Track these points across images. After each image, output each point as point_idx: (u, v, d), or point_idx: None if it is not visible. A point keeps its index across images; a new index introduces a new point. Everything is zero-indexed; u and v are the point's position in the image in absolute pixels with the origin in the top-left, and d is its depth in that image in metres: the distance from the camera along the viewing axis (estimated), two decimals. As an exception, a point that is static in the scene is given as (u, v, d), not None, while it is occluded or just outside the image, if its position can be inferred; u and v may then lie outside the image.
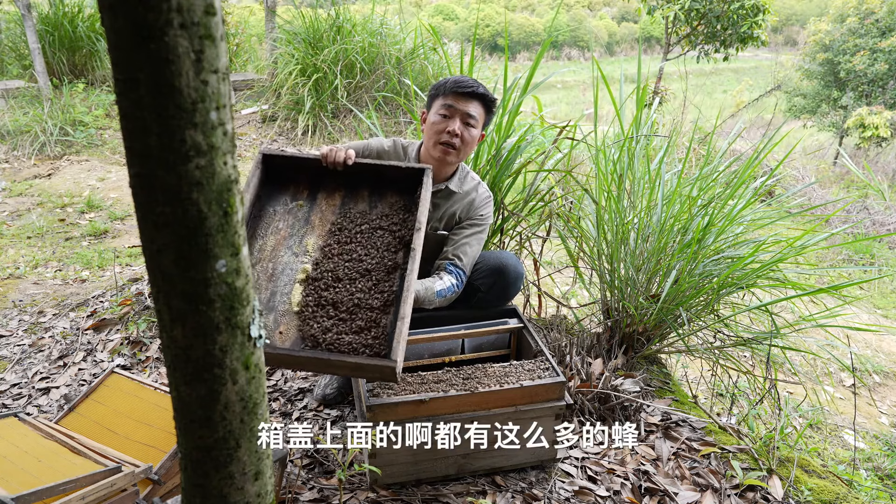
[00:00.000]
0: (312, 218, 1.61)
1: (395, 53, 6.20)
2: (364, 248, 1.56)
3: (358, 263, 1.52)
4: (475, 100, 1.78)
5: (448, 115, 1.78)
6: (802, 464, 1.81)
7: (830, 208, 5.86)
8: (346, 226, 1.61)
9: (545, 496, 1.61)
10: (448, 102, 1.77)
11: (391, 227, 1.62)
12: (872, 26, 10.79)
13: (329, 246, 1.56)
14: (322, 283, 1.48)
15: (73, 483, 1.26)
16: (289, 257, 1.52)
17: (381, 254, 1.55)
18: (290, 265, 1.51)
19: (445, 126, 1.77)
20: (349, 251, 1.55)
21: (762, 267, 2.05)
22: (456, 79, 1.79)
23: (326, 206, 1.65)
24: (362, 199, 1.69)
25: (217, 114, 0.65)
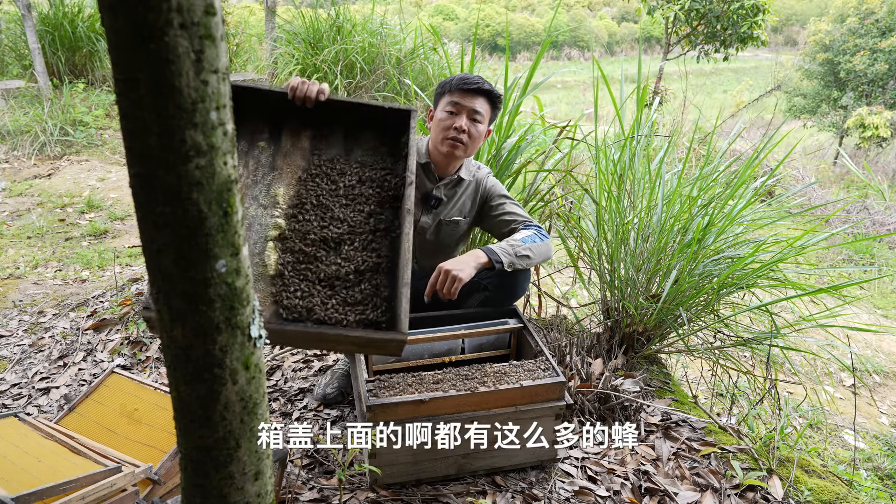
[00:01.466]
0: (278, 162, 1.37)
1: (395, 53, 6.20)
2: (345, 201, 1.36)
3: (340, 223, 1.33)
4: (481, 96, 1.80)
5: (454, 111, 1.80)
6: (802, 464, 1.81)
7: (830, 208, 5.86)
8: (319, 174, 1.39)
9: (545, 496, 1.61)
10: (454, 99, 1.80)
11: (373, 178, 1.41)
12: (872, 26, 10.79)
13: (301, 197, 1.33)
14: (300, 243, 1.28)
15: (73, 483, 1.26)
16: (255, 209, 1.29)
17: (365, 210, 1.35)
18: (258, 219, 1.28)
19: (452, 122, 1.79)
20: (327, 205, 1.34)
21: (762, 267, 2.05)
22: (461, 76, 1.81)
23: (292, 149, 1.40)
24: (336, 142, 1.45)
25: (217, 114, 0.65)
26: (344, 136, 1.47)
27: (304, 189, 1.36)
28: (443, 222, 1.96)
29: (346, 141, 1.47)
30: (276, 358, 2.31)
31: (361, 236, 1.33)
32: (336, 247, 1.30)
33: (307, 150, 1.42)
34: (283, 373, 2.22)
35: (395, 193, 1.40)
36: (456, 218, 1.97)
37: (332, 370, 2.08)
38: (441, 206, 1.94)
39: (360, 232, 1.33)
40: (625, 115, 2.41)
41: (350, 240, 1.32)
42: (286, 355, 2.33)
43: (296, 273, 1.25)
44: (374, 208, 1.38)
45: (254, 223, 1.27)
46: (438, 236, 1.97)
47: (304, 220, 1.31)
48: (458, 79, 1.81)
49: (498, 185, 2.02)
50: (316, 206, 1.34)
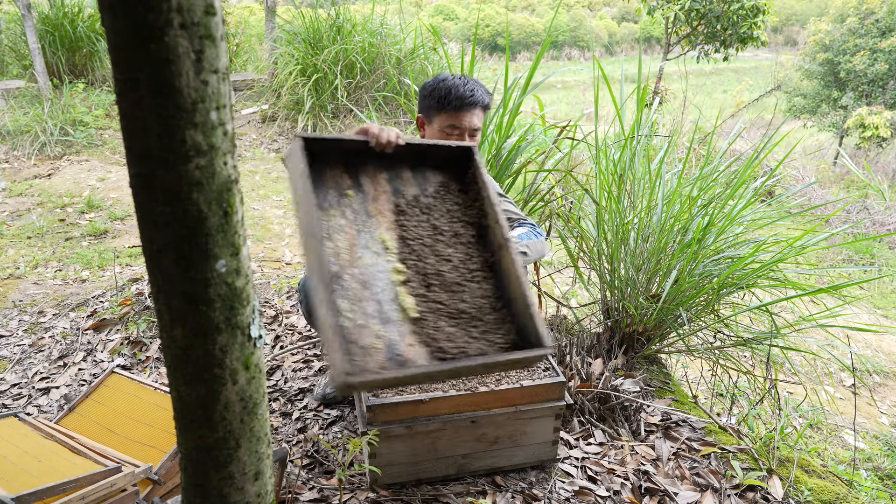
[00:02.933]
0: (370, 209, 1.40)
1: (395, 53, 6.21)
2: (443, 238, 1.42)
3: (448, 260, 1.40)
4: (477, 108, 1.78)
5: (455, 133, 1.77)
6: (802, 464, 1.81)
7: (830, 208, 5.86)
8: (411, 214, 1.44)
9: (545, 496, 1.61)
10: (452, 122, 1.75)
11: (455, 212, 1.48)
12: (872, 26, 10.79)
13: (406, 240, 1.39)
14: (423, 283, 1.34)
15: (73, 483, 1.26)
16: (371, 257, 1.33)
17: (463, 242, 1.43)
18: (377, 266, 1.32)
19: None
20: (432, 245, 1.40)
21: (762, 267, 2.05)
22: (458, 93, 1.74)
23: (377, 194, 1.43)
24: (410, 181, 1.50)
25: (217, 114, 0.65)
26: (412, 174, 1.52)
27: (405, 232, 1.40)
28: None
29: (415, 179, 1.51)
30: (276, 358, 2.31)
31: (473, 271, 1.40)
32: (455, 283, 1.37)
33: (390, 193, 1.45)
34: (283, 373, 2.22)
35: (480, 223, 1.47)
36: None
37: (332, 370, 2.08)
38: None
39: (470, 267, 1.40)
40: (625, 115, 2.41)
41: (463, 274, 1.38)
42: (286, 355, 2.33)
43: (433, 313, 1.30)
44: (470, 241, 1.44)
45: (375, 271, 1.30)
46: None
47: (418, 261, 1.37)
48: (455, 97, 1.74)
49: (493, 182, 2.02)
50: (424, 246, 1.40)
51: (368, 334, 1.16)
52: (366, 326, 1.17)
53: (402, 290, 1.28)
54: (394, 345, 1.18)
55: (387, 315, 1.24)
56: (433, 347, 1.23)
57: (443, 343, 1.25)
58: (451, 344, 1.25)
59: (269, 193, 4.84)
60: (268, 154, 5.87)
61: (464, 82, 1.76)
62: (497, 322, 1.34)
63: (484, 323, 1.33)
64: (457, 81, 1.75)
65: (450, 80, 1.76)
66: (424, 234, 1.41)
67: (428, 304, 1.29)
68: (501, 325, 1.33)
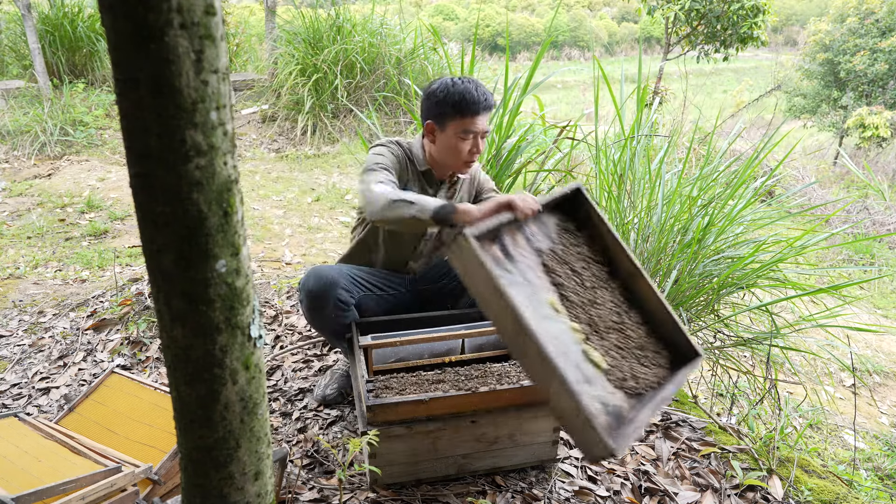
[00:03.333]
0: (529, 276, 1.45)
1: (395, 53, 6.21)
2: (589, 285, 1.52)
3: (602, 305, 1.49)
4: (489, 111, 1.78)
5: (467, 138, 1.77)
6: (802, 464, 1.81)
7: (830, 208, 5.86)
8: (555, 270, 1.51)
9: (545, 496, 1.61)
10: (467, 127, 1.74)
11: (585, 255, 1.58)
12: (872, 26, 10.79)
13: (565, 297, 1.47)
14: (597, 334, 1.43)
15: (73, 483, 1.26)
16: (552, 325, 1.39)
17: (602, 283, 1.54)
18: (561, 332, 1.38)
19: (467, 147, 1.77)
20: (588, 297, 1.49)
21: (762, 267, 2.05)
22: (471, 98, 1.72)
23: (522, 257, 1.49)
24: (537, 234, 1.57)
25: (217, 114, 0.65)
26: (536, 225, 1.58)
27: (561, 290, 1.48)
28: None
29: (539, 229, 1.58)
30: (276, 358, 2.31)
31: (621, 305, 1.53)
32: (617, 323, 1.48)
33: (533, 254, 1.52)
34: (283, 373, 2.22)
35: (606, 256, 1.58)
36: None
37: (332, 370, 2.08)
38: None
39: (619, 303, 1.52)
40: (625, 115, 2.41)
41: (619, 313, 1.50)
42: (286, 355, 2.33)
43: (614, 358, 1.40)
44: (607, 277, 1.55)
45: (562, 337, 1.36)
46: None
47: (583, 314, 1.46)
48: (470, 102, 1.71)
49: (488, 178, 2.04)
50: (580, 298, 1.48)
51: (590, 400, 1.23)
52: (583, 393, 1.21)
53: (587, 347, 1.38)
54: (605, 400, 1.28)
55: (589, 376, 1.32)
56: (626, 389, 1.36)
57: (631, 383, 1.37)
58: (636, 383, 1.38)
59: (269, 193, 4.84)
60: (268, 154, 5.87)
61: (474, 86, 1.74)
62: (656, 345, 1.49)
63: (648, 350, 1.47)
64: (467, 86, 1.73)
65: (460, 85, 1.73)
66: (575, 285, 1.50)
67: (608, 351, 1.41)
68: (660, 348, 1.49)
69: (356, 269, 1.91)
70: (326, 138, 6.07)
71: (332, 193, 4.92)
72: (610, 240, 1.57)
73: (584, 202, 1.61)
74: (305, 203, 4.69)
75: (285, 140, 6.15)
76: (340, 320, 1.79)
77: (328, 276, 1.76)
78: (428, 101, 1.78)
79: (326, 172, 5.45)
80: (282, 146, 6.05)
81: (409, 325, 1.87)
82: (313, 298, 1.75)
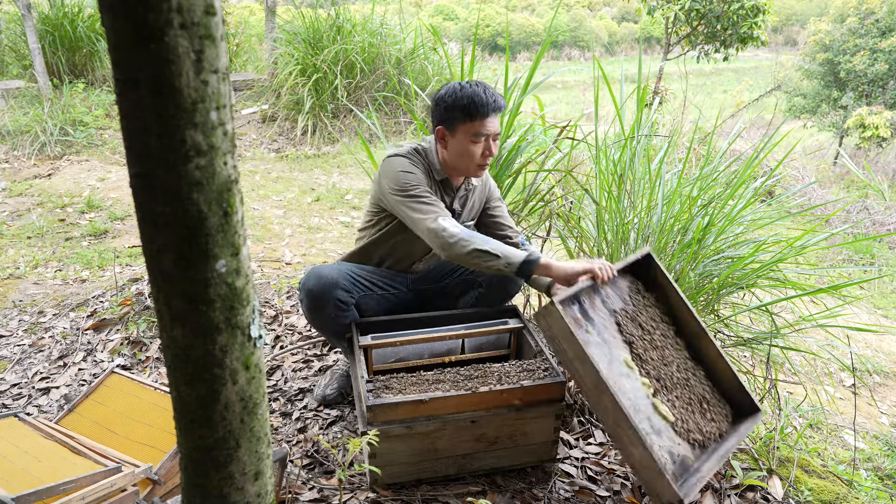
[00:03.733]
0: (606, 337, 1.61)
1: (395, 53, 6.21)
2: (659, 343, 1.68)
3: (671, 363, 1.66)
4: (499, 113, 1.77)
5: (478, 141, 1.75)
6: (802, 464, 1.81)
7: (830, 208, 5.86)
8: (627, 328, 1.66)
9: (545, 496, 1.61)
10: (478, 130, 1.73)
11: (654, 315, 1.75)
12: (872, 26, 10.79)
13: (638, 356, 1.62)
14: (665, 388, 1.59)
15: (73, 483, 1.26)
16: (627, 382, 1.54)
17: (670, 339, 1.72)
18: (634, 388, 1.53)
19: (480, 150, 1.76)
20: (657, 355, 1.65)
21: (762, 267, 2.05)
22: (480, 101, 1.70)
23: (598, 318, 1.65)
24: (611, 295, 1.72)
25: (217, 114, 0.65)
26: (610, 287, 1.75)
27: (633, 349, 1.64)
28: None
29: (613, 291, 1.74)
30: (276, 358, 2.31)
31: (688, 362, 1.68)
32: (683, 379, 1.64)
33: (608, 315, 1.68)
34: (283, 373, 2.22)
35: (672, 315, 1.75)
36: (469, 223, 1.98)
37: (332, 370, 2.08)
38: (458, 218, 1.92)
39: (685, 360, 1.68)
40: (625, 115, 2.41)
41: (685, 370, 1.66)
42: (286, 355, 2.33)
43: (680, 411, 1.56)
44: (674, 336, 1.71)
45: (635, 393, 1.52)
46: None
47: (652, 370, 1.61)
48: (480, 104, 1.70)
49: (496, 186, 2.05)
50: (650, 356, 1.64)
51: (655, 447, 1.39)
52: (653, 444, 1.40)
53: (656, 401, 1.54)
54: (672, 450, 1.45)
55: (657, 427, 1.48)
56: (691, 440, 1.51)
57: (696, 435, 1.52)
58: (701, 435, 1.53)
59: (269, 193, 4.84)
60: (268, 154, 5.87)
61: (482, 88, 1.74)
62: (719, 401, 1.64)
63: (712, 404, 1.62)
64: (475, 89, 1.72)
65: (468, 89, 1.72)
66: (646, 344, 1.66)
67: (674, 405, 1.56)
68: (722, 404, 1.65)
69: (357, 268, 1.91)
70: (326, 138, 6.07)
71: (332, 193, 4.92)
72: (676, 300, 1.74)
73: (653, 266, 1.78)
74: (305, 203, 4.69)
75: (285, 140, 6.15)
76: (340, 320, 1.79)
77: (328, 276, 1.76)
78: (437, 108, 1.77)
79: (326, 172, 5.45)
80: (282, 146, 6.05)
81: (409, 325, 1.87)
82: (313, 298, 1.75)
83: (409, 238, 1.86)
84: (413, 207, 1.71)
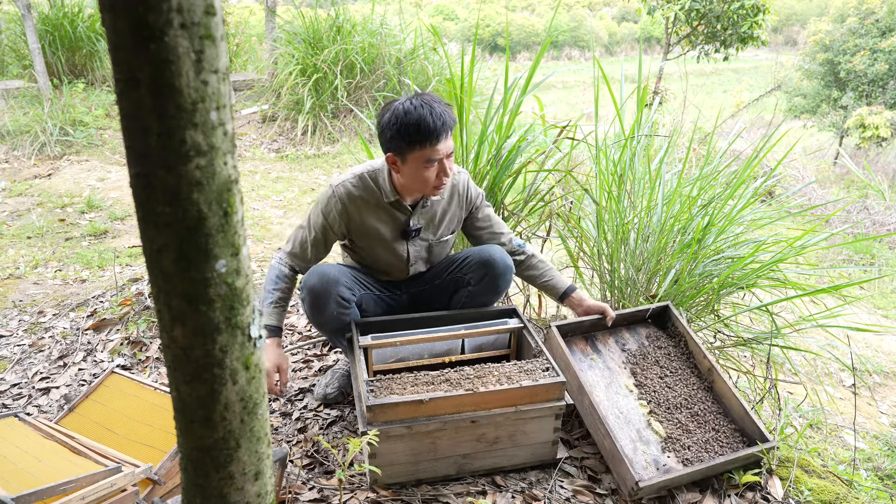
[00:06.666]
0: (610, 365, 1.93)
1: (395, 53, 6.21)
2: (668, 373, 1.92)
3: (674, 389, 1.88)
4: (449, 132, 1.69)
5: (431, 166, 1.69)
6: (802, 464, 1.81)
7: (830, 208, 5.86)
8: (639, 363, 1.94)
9: (545, 496, 1.61)
10: (428, 157, 1.66)
11: (670, 353, 1.98)
12: (872, 26, 10.79)
13: (643, 383, 1.88)
14: (665, 410, 1.81)
15: (73, 483, 1.26)
16: (623, 400, 1.82)
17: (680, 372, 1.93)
18: (629, 406, 1.81)
19: (433, 174, 1.70)
20: (659, 382, 1.89)
21: (762, 267, 2.05)
22: (426, 127, 1.61)
23: (607, 350, 1.98)
24: (628, 338, 2.03)
25: (217, 114, 0.65)
26: (628, 332, 2.04)
27: (637, 377, 1.90)
28: (433, 244, 1.93)
29: (631, 335, 2.04)
30: (276, 358, 2.31)
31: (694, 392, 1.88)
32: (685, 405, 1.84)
33: (619, 350, 1.99)
34: (283, 373, 2.22)
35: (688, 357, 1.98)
36: (446, 238, 1.95)
37: (333, 370, 2.08)
38: (423, 231, 1.89)
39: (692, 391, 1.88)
40: (625, 115, 2.41)
41: (689, 398, 1.86)
42: (286, 355, 2.33)
43: (676, 430, 1.76)
44: (687, 371, 1.93)
45: (629, 409, 1.81)
46: (431, 255, 1.96)
47: (655, 395, 1.85)
48: (427, 131, 1.61)
49: (479, 191, 1.97)
50: (655, 387, 1.87)
51: (639, 453, 1.68)
52: (635, 450, 1.68)
53: (651, 419, 1.78)
54: (658, 460, 1.67)
55: (647, 438, 1.73)
56: (681, 456, 1.69)
57: (688, 454, 1.69)
58: (692, 453, 1.69)
59: (269, 193, 4.84)
60: (268, 154, 5.87)
61: (428, 110, 1.61)
62: (723, 428, 1.77)
63: (715, 431, 1.76)
64: (421, 112, 1.61)
65: (413, 114, 1.61)
66: (653, 375, 1.91)
67: (672, 425, 1.77)
68: (727, 431, 1.77)
69: (356, 269, 1.91)
70: (326, 138, 6.07)
71: (332, 193, 4.92)
72: (692, 345, 1.95)
73: (671, 316, 2.03)
74: (305, 203, 4.68)
75: (285, 140, 6.15)
76: (342, 318, 1.79)
77: (330, 273, 1.76)
78: (384, 134, 1.67)
79: (326, 172, 5.45)
80: (282, 146, 6.05)
81: (409, 325, 1.87)
82: (315, 296, 1.75)
83: (388, 251, 1.87)
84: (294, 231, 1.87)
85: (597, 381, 1.86)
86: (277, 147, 6.04)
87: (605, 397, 1.82)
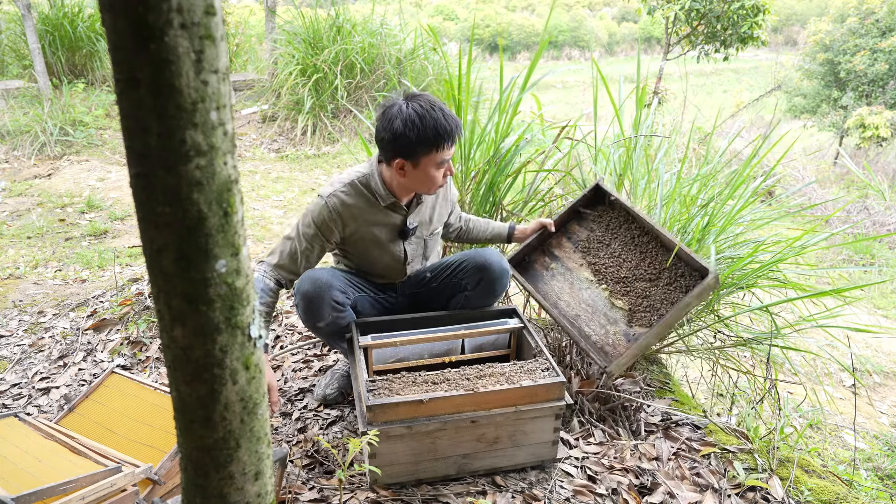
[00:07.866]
0: (569, 265, 2.09)
1: (395, 53, 6.21)
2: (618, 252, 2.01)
3: (627, 262, 1.98)
4: (459, 136, 1.74)
5: (442, 167, 1.73)
6: (802, 464, 1.81)
7: (830, 208, 5.86)
8: (591, 251, 2.06)
9: (545, 496, 1.61)
10: (442, 158, 1.69)
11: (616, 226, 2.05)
12: (872, 26, 10.79)
13: (597, 268, 2.02)
14: (621, 285, 1.95)
15: (73, 483, 1.26)
16: (587, 292, 2.00)
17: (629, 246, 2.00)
18: (592, 294, 1.99)
19: (441, 174, 1.74)
20: (612, 260, 2.01)
21: (762, 267, 2.05)
22: (444, 130, 1.65)
23: (563, 253, 2.12)
24: (576, 230, 2.14)
25: (217, 114, 0.65)
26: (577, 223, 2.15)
27: (594, 266, 2.03)
28: (427, 239, 1.95)
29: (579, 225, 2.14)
30: (276, 358, 2.31)
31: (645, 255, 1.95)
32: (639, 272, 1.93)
33: (572, 246, 2.12)
34: (283, 373, 2.22)
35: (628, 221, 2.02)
36: (438, 230, 1.99)
37: (332, 370, 2.08)
38: (418, 229, 1.91)
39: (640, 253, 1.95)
40: (624, 115, 2.41)
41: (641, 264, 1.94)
42: (286, 355, 2.33)
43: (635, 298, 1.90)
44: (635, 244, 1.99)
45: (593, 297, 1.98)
46: (426, 250, 1.98)
47: (611, 275, 1.97)
48: (442, 135, 1.65)
49: (455, 190, 2.09)
50: (609, 264, 1.99)
51: (610, 335, 1.86)
52: (607, 333, 1.87)
53: (612, 299, 1.94)
54: (627, 332, 1.83)
55: (613, 318, 1.89)
56: (647, 321, 1.82)
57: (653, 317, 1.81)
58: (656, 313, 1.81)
59: (269, 193, 4.84)
60: (268, 154, 5.87)
61: (441, 114, 1.65)
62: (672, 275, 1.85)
63: (666, 281, 1.86)
64: (436, 116, 1.63)
65: (429, 120, 1.63)
66: (605, 256, 2.02)
67: (632, 296, 1.90)
68: (676, 276, 1.85)
69: (350, 273, 1.91)
70: (326, 138, 6.08)
71: (332, 193, 4.92)
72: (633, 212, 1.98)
73: (605, 194, 2.05)
74: (305, 203, 4.68)
75: (285, 140, 6.15)
76: (338, 322, 1.79)
77: (323, 278, 1.75)
78: (396, 142, 1.66)
79: (326, 172, 5.45)
80: (282, 146, 6.05)
81: (409, 325, 1.87)
82: (309, 301, 1.74)
83: (385, 253, 1.87)
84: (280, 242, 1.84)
85: (561, 287, 2.04)
86: (277, 147, 6.04)
87: (571, 298, 2.00)
